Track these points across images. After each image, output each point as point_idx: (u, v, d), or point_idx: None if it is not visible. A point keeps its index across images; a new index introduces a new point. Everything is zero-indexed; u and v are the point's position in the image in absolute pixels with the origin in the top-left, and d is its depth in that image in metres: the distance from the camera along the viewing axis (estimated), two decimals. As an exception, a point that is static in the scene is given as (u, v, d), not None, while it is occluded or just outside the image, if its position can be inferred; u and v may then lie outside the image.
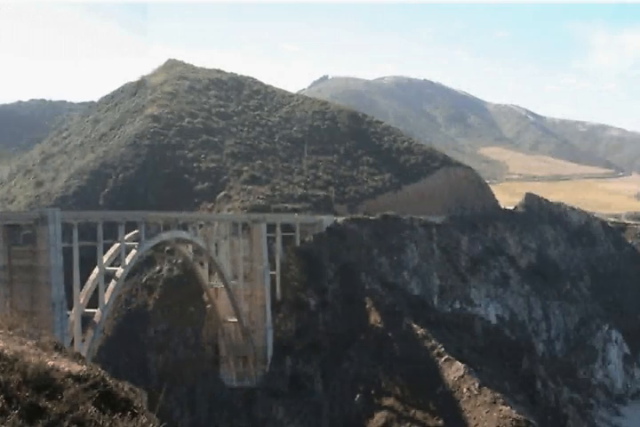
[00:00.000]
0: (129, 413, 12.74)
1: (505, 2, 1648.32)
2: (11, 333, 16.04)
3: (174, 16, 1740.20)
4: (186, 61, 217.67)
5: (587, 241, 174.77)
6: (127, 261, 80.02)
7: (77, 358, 16.02)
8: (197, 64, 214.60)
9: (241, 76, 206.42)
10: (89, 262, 75.36)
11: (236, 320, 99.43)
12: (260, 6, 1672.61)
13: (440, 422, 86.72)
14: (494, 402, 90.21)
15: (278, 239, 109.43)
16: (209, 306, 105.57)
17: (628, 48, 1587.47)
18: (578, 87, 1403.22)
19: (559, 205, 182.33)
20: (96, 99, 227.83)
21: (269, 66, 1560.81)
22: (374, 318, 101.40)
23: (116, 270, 79.26)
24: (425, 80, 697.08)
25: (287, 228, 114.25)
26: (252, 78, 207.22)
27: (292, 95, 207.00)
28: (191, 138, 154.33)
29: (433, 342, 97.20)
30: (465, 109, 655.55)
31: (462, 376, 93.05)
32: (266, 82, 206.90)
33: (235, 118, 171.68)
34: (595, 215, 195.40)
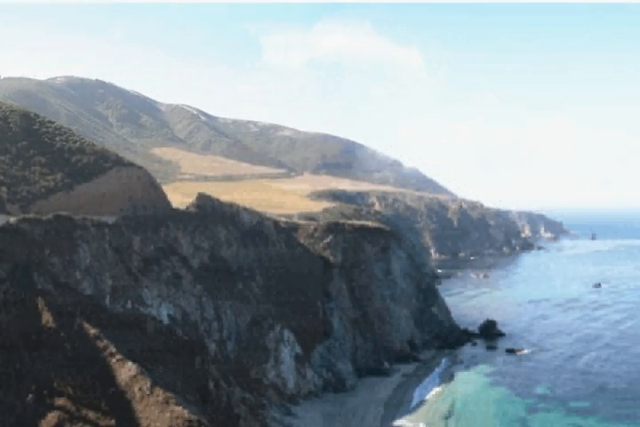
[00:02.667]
0: None
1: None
2: None
3: None
4: None
5: (259, 241, 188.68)
6: None
7: None
8: None
9: None
10: None
11: None
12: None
13: (112, 422, 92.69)
14: (166, 402, 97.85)
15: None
16: None
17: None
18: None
19: (232, 205, 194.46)
20: None
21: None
22: (46, 318, 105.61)
23: None
24: (97, 80, 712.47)
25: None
26: None
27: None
28: None
29: (105, 342, 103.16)
30: (137, 110, 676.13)
31: (134, 376, 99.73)
32: None
33: None
34: (267, 215, 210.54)
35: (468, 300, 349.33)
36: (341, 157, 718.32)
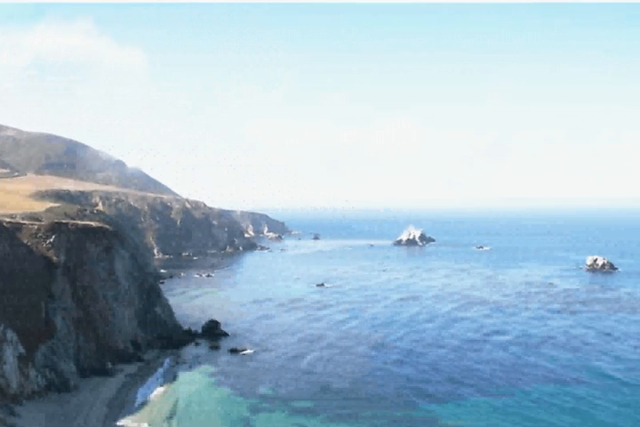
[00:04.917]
0: None
1: None
2: None
3: None
4: None
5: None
6: None
7: None
8: None
9: None
10: None
11: None
12: None
13: None
14: None
15: None
16: None
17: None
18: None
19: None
20: None
21: None
22: None
23: None
24: None
25: None
26: None
27: None
28: None
29: None
30: None
31: None
32: None
33: None
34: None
35: (191, 300, 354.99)
36: (65, 156, 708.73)
